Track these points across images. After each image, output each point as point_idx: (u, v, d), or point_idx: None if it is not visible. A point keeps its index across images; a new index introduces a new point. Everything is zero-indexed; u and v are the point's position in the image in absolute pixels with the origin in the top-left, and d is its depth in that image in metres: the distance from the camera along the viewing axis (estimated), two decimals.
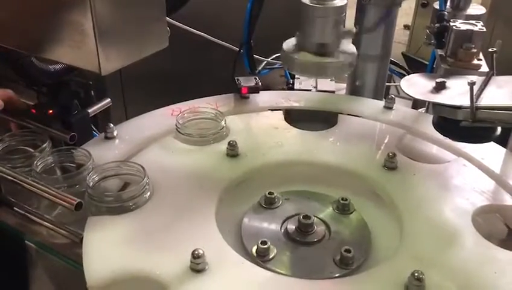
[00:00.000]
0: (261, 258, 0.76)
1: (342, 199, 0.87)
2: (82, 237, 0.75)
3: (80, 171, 0.84)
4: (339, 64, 0.93)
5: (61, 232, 0.81)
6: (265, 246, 0.77)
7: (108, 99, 1.09)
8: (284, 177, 0.94)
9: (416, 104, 1.27)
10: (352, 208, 0.87)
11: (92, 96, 1.11)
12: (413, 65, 1.70)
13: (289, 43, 0.98)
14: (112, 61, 0.72)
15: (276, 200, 0.88)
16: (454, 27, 0.90)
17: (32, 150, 0.91)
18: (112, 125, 0.98)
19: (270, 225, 0.84)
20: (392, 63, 1.37)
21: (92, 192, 0.80)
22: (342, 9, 0.92)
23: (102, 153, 0.92)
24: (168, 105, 1.09)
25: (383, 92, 1.21)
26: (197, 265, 0.69)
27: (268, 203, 0.88)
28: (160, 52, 0.86)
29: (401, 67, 1.41)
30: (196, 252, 0.68)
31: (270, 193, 0.88)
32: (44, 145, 0.90)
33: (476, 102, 0.76)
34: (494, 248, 0.76)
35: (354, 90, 1.21)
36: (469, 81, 0.73)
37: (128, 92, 1.26)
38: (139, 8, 0.73)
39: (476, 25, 0.90)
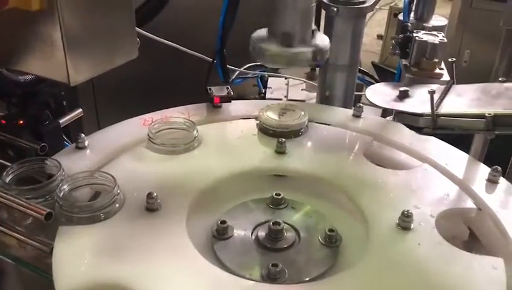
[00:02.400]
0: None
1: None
2: (52, 248, 0.75)
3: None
4: (307, 55, 0.93)
5: (31, 243, 0.80)
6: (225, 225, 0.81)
7: (80, 110, 1.09)
8: (255, 185, 0.96)
9: (386, 112, 1.30)
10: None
11: (64, 107, 1.11)
12: (383, 74, 1.74)
13: (259, 33, 0.98)
14: (81, 72, 0.72)
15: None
16: (417, 38, 0.93)
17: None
18: (83, 135, 0.98)
19: (240, 232, 0.85)
20: (362, 72, 1.40)
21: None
22: None
23: (73, 163, 0.92)
24: (142, 114, 1.10)
25: (352, 100, 1.25)
26: None
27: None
28: (133, 62, 0.87)
29: (371, 76, 1.45)
30: None
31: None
32: None
33: (436, 110, 0.79)
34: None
35: (324, 99, 1.24)
36: (429, 90, 0.76)
37: (100, 102, 1.26)
38: (108, 19, 0.74)
39: (438, 36, 0.94)
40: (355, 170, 0.95)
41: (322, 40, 0.96)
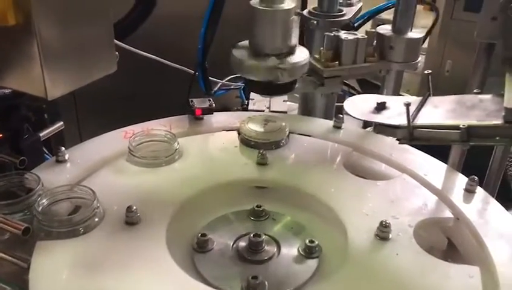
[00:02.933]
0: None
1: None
2: (30, 263, 0.74)
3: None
4: (287, 68, 0.95)
5: (8, 258, 0.79)
6: (206, 238, 0.82)
7: (61, 123, 1.09)
8: (236, 197, 0.96)
9: (367, 122, 1.32)
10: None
11: (45, 120, 1.10)
12: (365, 85, 1.76)
13: (239, 47, 1.00)
14: (58, 86, 0.72)
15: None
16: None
17: None
18: (63, 148, 0.98)
19: (221, 245, 0.85)
20: (344, 83, 1.42)
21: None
22: (289, 12, 0.94)
23: (53, 177, 0.92)
24: (124, 127, 1.10)
25: (333, 111, 1.26)
26: None
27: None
28: (115, 74, 0.87)
29: (352, 87, 1.46)
30: None
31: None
32: None
33: (412, 121, 0.80)
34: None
35: (306, 111, 1.25)
36: (405, 102, 0.78)
37: (82, 114, 1.26)
38: (86, 34, 0.75)
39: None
40: (335, 181, 0.96)
41: (301, 53, 0.98)
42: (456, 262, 0.83)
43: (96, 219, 0.82)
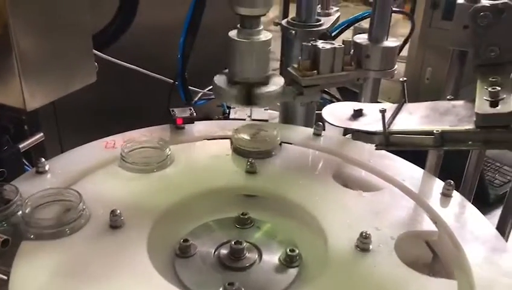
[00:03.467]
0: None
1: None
2: (9, 275, 0.74)
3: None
4: (266, 94, 0.98)
5: None
6: (188, 243, 0.82)
7: (41, 134, 1.08)
8: (220, 205, 0.97)
9: (347, 130, 1.33)
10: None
11: (25, 131, 1.10)
12: (346, 93, 1.78)
13: (220, 76, 1.03)
14: (37, 97, 0.73)
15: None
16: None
17: None
18: (43, 159, 0.97)
19: (203, 252, 0.86)
20: (323, 91, 1.44)
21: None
22: (267, 43, 0.98)
23: (33, 188, 0.91)
24: (105, 137, 1.10)
25: (313, 119, 1.27)
26: None
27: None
28: (95, 85, 0.88)
29: (332, 95, 1.49)
30: None
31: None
32: None
33: (388, 127, 0.82)
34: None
35: (286, 119, 1.27)
36: (380, 109, 0.80)
37: (63, 125, 1.26)
38: (65, 45, 0.75)
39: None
40: (321, 191, 0.97)
41: (277, 80, 1.03)
42: (440, 271, 0.85)
43: (83, 221, 0.83)
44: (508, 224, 1.10)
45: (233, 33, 1.00)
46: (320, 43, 1.07)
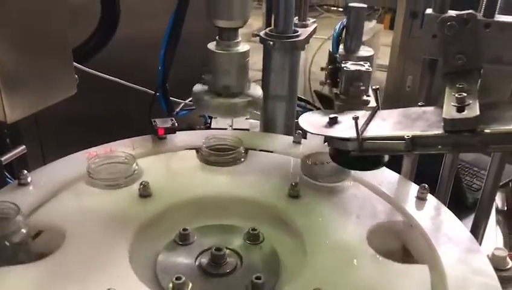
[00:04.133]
0: None
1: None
2: None
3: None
4: (243, 104, 1.01)
5: None
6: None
7: (23, 147, 1.09)
8: (198, 213, 0.98)
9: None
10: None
11: (7, 144, 1.10)
12: (327, 102, 1.82)
13: (199, 86, 1.06)
14: (17, 110, 0.74)
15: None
16: (345, 68, 1.01)
17: None
18: (25, 171, 0.98)
19: (184, 261, 0.87)
20: (304, 100, 1.47)
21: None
22: (245, 55, 1.01)
23: (15, 200, 0.91)
24: (88, 148, 1.11)
25: (293, 127, 1.30)
26: None
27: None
28: (77, 96, 0.89)
29: (312, 104, 1.52)
30: None
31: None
32: None
33: (362, 134, 0.85)
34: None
35: (267, 128, 1.29)
36: (353, 116, 0.83)
37: (45, 137, 1.26)
38: (45, 57, 0.77)
39: (364, 66, 1.01)
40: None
41: (255, 90, 1.07)
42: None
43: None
44: (481, 227, 1.13)
45: (212, 45, 1.03)
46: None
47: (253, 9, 1.10)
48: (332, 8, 5.40)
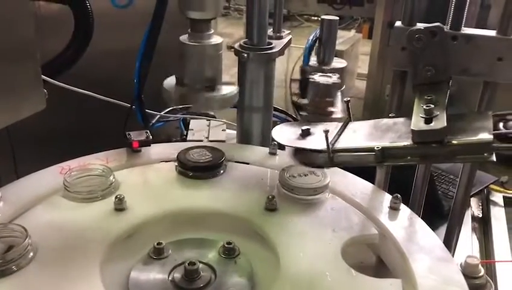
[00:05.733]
0: None
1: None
2: None
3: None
4: (217, 98, 1.00)
5: None
6: None
7: None
8: (173, 227, 0.98)
9: None
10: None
11: None
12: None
13: (169, 79, 1.04)
14: None
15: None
16: (311, 80, 1.01)
17: None
18: None
19: (157, 276, 0.87)
20: (281, 111, 1.48)
21: None
22: (218, 47, 0.99)
23: None
24: (61, 163, 1.10)
25: (270, 138, 1.31)
26: None
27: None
28: (51, 111, 0.88)
29: (289, 115, 1.52)
30: None
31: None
32: None
33: (333, 146, 0.86)
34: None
35: (243, 139, 1.30)
36: (324, 129, 0.83)
37: (19, 152, 1.25)
38: (12, 73, 0.76)
39: (332, 77, 1.02)
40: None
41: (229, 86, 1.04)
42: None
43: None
44: (455, 234, 1.15)
45: (184, 37, 1.02)
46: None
47: (235, 20, 1.11)
48: (313, 17, 5.46)
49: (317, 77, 1.00)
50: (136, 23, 1.19)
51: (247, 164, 1.16)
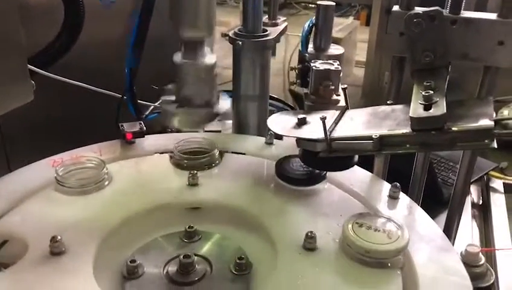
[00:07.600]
0: None
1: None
2: None
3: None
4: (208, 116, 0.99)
5: None
6: None
7: None
8: (169, 218, 0.96)
9: None
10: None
11: None
12: (301, 101, 1.80)
13: (166, 98, 1.04)
14: None
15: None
16: (314, 67, 0.99)
17: None
18: None
19: (152, 270, 0.85)
20: (278, 100, 1.46)
21: None
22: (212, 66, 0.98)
23: None
24: (53, 155, 1.08)
25: (266, 128, 1.28)
26: None
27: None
28: (42, 102, 0.86)
29: (286, 103, 1.50)
30: None
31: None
32: None
33: (330, 134, 0.84)
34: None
35: (240, 128, 1.27)
36: (320, 116, 0.81)
37: (10, 145, 1.22)
38: None
39: (333, 64, 1.00)
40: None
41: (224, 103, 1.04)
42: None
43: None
44: (455, 222, 1.13)
45: (177, 56, 1.01)
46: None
47: (232, 8, 1.08)
48: (310, 5, 5.40)
49: (319, 64, 0.97)
50: (127, 12, 1.16)
51: (243, 154, 1.14)
